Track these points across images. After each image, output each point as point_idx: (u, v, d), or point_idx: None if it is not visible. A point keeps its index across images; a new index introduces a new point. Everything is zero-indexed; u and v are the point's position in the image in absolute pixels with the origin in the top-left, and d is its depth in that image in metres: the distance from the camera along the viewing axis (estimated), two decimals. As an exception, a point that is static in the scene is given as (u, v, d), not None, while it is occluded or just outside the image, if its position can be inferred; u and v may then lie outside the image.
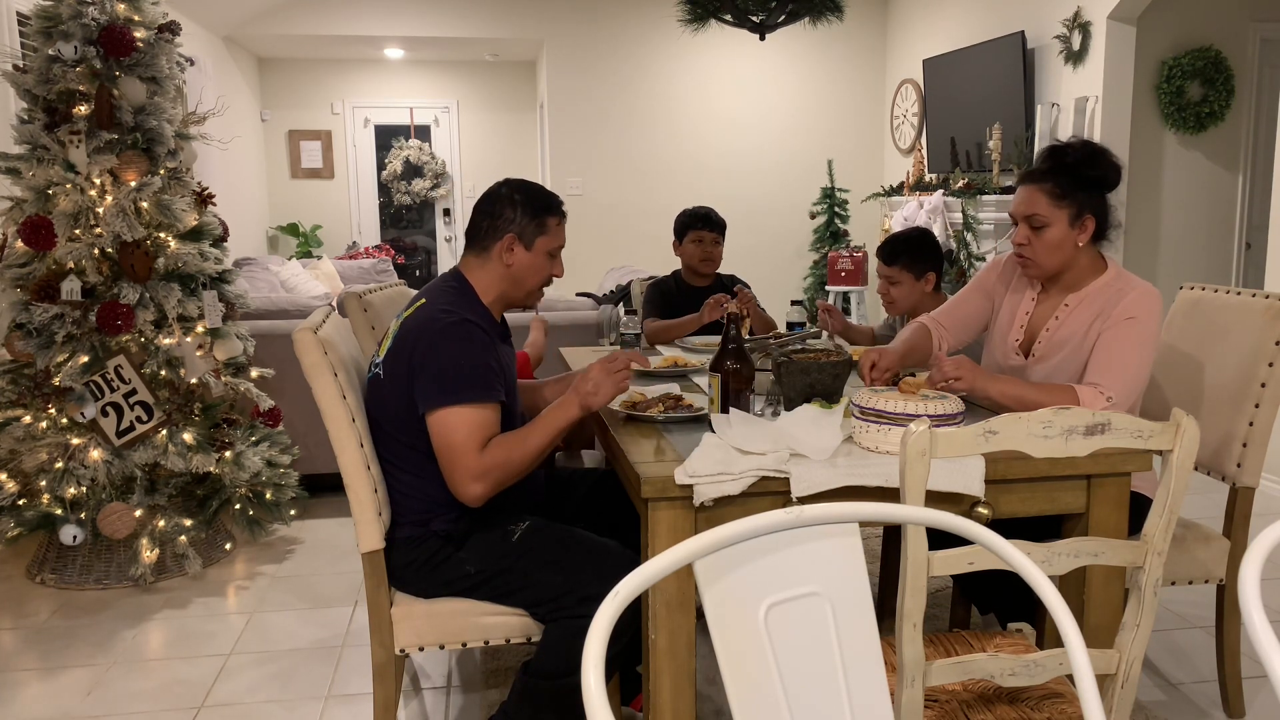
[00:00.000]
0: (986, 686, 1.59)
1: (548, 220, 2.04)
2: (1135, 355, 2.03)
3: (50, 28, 3.09)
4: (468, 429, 1.84)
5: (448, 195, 8.82)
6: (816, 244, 7.68)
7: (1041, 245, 2.12)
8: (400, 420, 1.94)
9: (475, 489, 1.85)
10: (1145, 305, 2.05)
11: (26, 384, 3.15)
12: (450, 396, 1.85)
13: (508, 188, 2.04)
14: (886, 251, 2.80)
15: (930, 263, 2.78)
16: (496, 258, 2.02)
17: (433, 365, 1.87)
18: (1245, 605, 0.87)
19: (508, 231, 2.01)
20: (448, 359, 1.87)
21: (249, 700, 2.48)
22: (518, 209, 2.01)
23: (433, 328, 1.91)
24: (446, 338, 1.88)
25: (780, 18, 4.33)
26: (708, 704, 2.36)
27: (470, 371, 1.87)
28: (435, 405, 1.85)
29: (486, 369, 1.89)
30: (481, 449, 1.84)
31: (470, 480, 1.84)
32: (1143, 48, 5.25)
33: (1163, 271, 5.66)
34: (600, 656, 0.85)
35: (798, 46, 7.48)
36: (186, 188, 3.35)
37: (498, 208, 2.02)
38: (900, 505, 1.24)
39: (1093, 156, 2.10)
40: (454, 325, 1.90)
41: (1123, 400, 2.00)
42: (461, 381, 1.85)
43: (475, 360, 1.88)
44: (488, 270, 2.04)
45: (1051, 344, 2.17)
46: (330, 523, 3.79)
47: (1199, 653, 2.65)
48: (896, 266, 2.77)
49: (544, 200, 2.05)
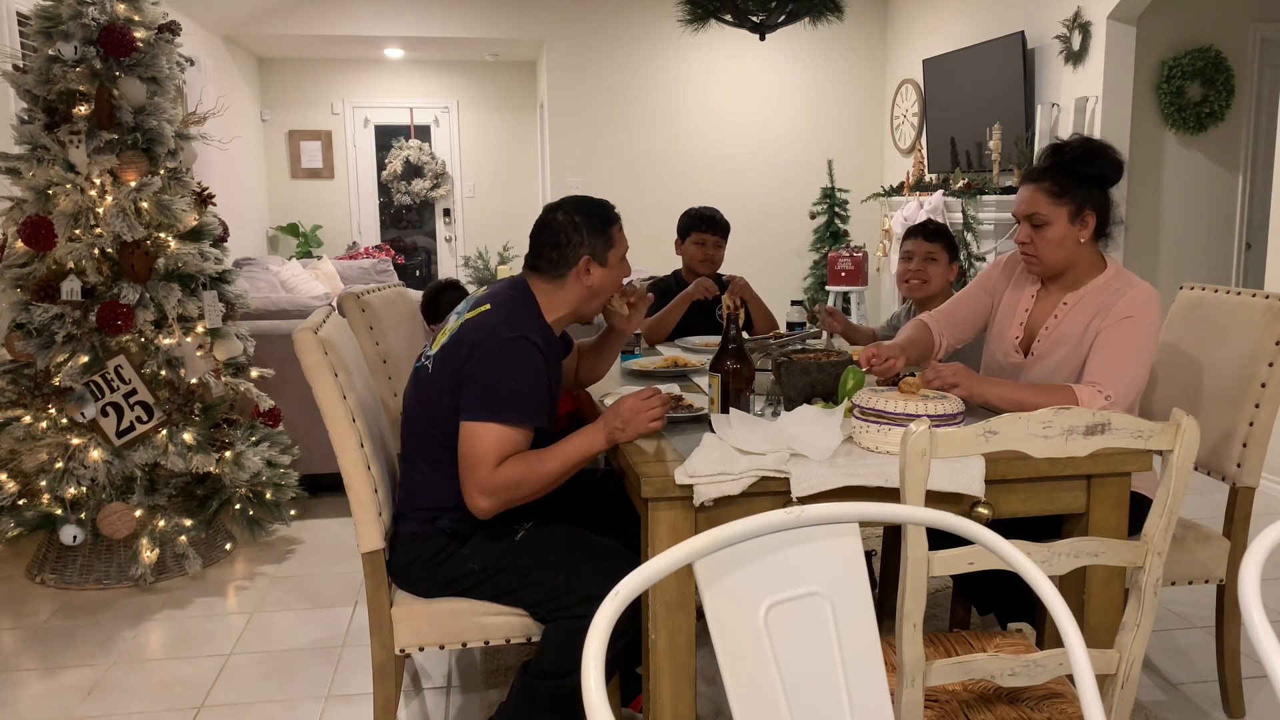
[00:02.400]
0: (986, 686, 1.59)
1: (613, 231, 2.06)
2: (1133, 354, 2.03)
3: (50, 28, 3.09)
4: (491, 445, 1.85)
5: (448, 195, 8.82)
6: (816, 244, 7.68)
7: (1044, 243, 2.12)
8: (439, 415, 1.95)
9: (483, 503, 1.87)
10: (1143, 304, 2.05)
11: (26, 384, 3.15)
12: (491, 413, 1.86)
13: (564, 213, 2.03)
14: (930, 229, 2.86)
15: (956, 253, 2.89)
16: (575, 280, 2.03)
17: (486, 377, 1.88)
18: (1245, 605, 0.87)
19: (581, 255, 2.01)
20: (501, 375, 1.88)
21: (249, 700, 2.48)
22: (583, 231, 2.02)
23: (493, 338, 1.91)
24: (505, 353, 1.89)
25: (780, 18, 4.33)
26: (708, 704, 2.36)
27: (519, 392, 1.88)
28: (474, 416, 1.87)
29: (534, 392, 1.90)
30: (497, 465, 1.85)
31: (479, 494, 1.86)
32: (1143, 48, 5.25)
33: (1163, 271, 5.66)
34: (600, 656, 0.85)
35: (798, 46, 7.47)
36: (186, 188, 3.35)
37: (564, 235, 2.02)
38: (900, 505, 1.24)
39: (1090, 153, 2.10)
40: (514, 341, 1.90)
41: (1121, 399, 2.00)
42: (506, 400, 1.86)
43: (526, 382, 1.90)
44: (562, 294, 2.04)
45: (1050, 342, 2.17)
46: (330, 523, 3.79)
47: (1199, 653, 2.65)
48: (939, 244, 2.84)
49: (603, 214, 2.05)
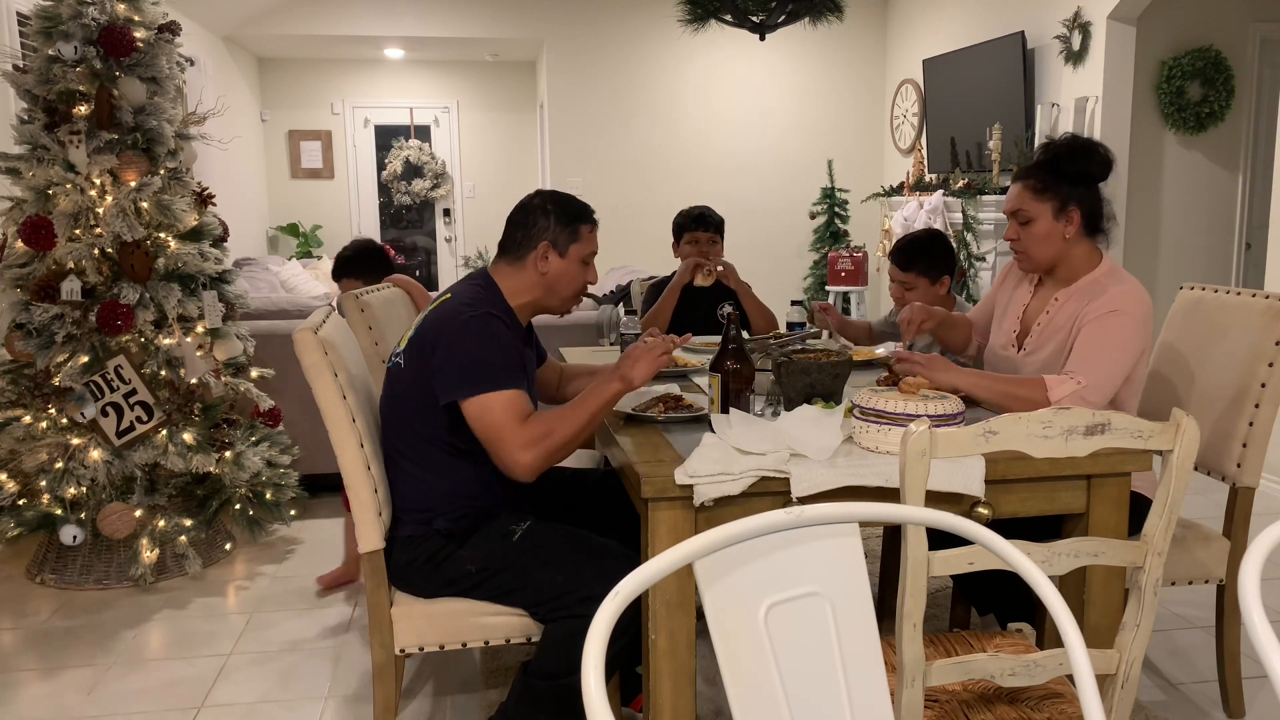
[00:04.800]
0: (986, 686, 1.59)
1: (580, 228, 2.08)
2: (1113, 346, 2.03)
3: (50, 28, 3.09)
4: (503, 407, 1.85)
5: (448, 195, 8.82)
6: (816, 244, 7.68)
7: (1030, 238, 2.17)
8: (417, 410, 1.96)
9: (525, 457, 1.84)
10: (1127, 300, 2.06)
11: (26, 384, 3.15)
12: (479, 385, 1.86)
13: (540, 198, 2.09)
14: (902, 257, 2.74)
15: (945, 265, 2.72)
16: (531, 266, 2.06)
17: (458, 357, 1.89)
18: (1245, 605, 0.87)
19: (542, 240, 2.05)
20: (471, 350, 1.89)
21: (249, 700, 2.48)
22: (550, 217, 2.06)
23: (455, 320, 1.93)
24: (469, 330, 1.91)
25: (780, 18, 4.33)
26: (708, 704, 2.36)
27: (493, 360, 1.89)
28: (465, 394, 1.87)
29: (507, 359, 1.92)
30: (523, 422, 1.85)
31: (519, 449, 1.84)
32: (1143, 48, 5.25)
33: (1163, 271, 5.66)
34: (600, 656, 0.85)
35: (798, 46, 7.47)
36: (186, 188, 3.35)
37: (531, 218, 2.06)
38: (900, 505, 1.24)
39: (1074, 151, 2.14)
40: (477, 319, 1.93)
41: (1095, 387, 2.00)
42: (486, 369, 1.87)
43: (497, 350, 1.91)
44: (521, 277, 2.07)
45: (1042, 336, 2.21)
46: (330, 523, 3.79)
47: (1199, 653, 2.65)
48: (913, 273, 2.71)
49: (576, 209, 2.10)
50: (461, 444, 1.96)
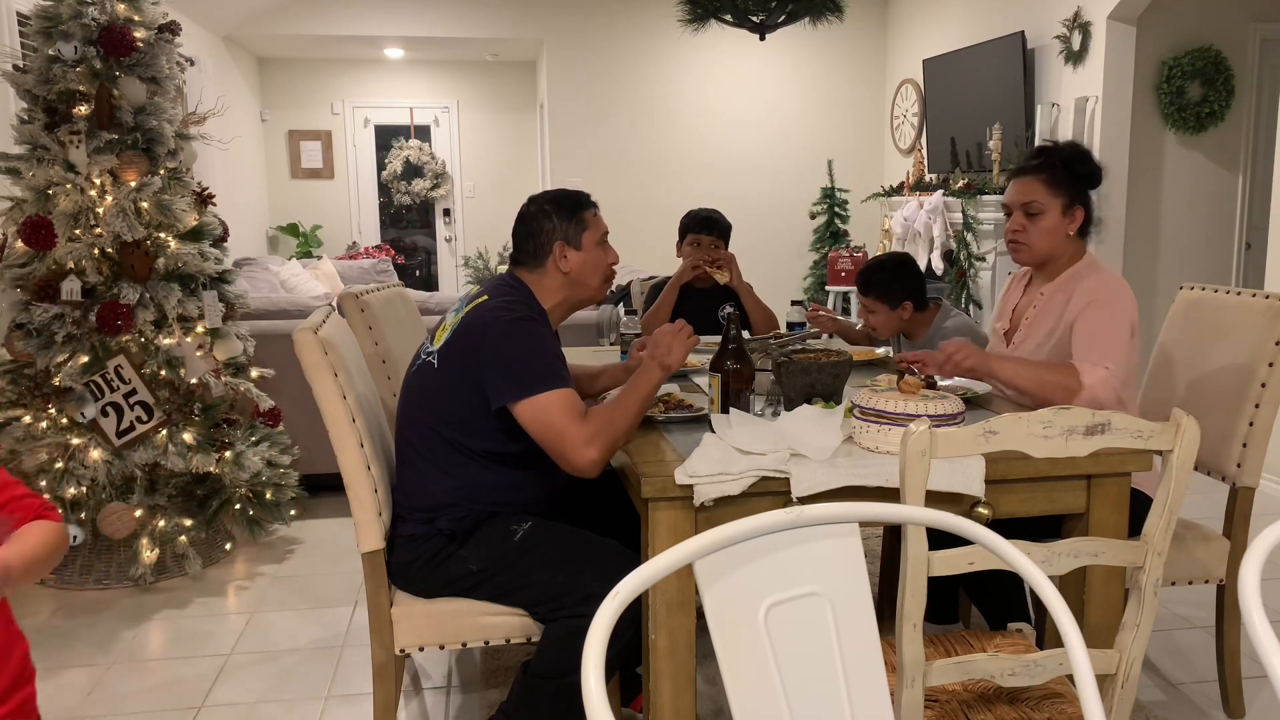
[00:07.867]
0: (986, 686, 1.59)
1: (584, 215, 2.09)
2: (1113, 330, 2.12)
3: (50, 28, 3.09)
4: (560, 407, 1.86)
5: (448, 195, 8.82)
6: (816, 244, 7.68)
7: (1036, 231, 2.24)
8: (445, 410, 1.97)
9: (590, 453, 1.84)
10: (1106, 289, 2.15)
11: (26, 384, 3.15)
12: (532, 386, 1.87)
13: (535, 204, 2.10)
14: (861, 280, 2.80)
15: (905, 292, 2.74)
16: (553, 269, 2.07)
17: (508, 361, 1.89)
18: (1245, 605, 0.87)
19: (554, 241, 2.06)
20: (520, 353, 1.90)
21: (249, 700, 2.47)
22: (554, 217, 2.07)
23: (499, 323, 1.93)
24: (516, 332, 1.92)
25: (780, 18, 4.33)
26: (708, 704, 2.36)
27: (543, 360, 1.90)
28: (517, 398, 1.87)
29: (555, 360, 1.93)
30: (581, 419, 1.86)
31: (583, 446, 1.84)
32: (1143, 48, 5.25)
33: (1163, 271, 5.66)
34: (600, 656, 0.85)
35: (798, 46, 7.47)
36: (186, 188, 3.34)
37: (536, 224, 2.07)
38: (900, 505, 1.24)
39: (1080, 155, 2.25)
40: (521, 321, 1.94)
41: (1119, 370, 2.08)
42: (536, 372, 1.88)
43: (546, 350, 1.93)
44: (546, 282, 2.08)
45: (1029, 331, 2.30)
46: (330, 523, 3.79)
47: (1199, 653, 2.65)
48: (870, 297, 2.78)
49: (573, 199, 2.11)
50: (478, 448, 1.97)
